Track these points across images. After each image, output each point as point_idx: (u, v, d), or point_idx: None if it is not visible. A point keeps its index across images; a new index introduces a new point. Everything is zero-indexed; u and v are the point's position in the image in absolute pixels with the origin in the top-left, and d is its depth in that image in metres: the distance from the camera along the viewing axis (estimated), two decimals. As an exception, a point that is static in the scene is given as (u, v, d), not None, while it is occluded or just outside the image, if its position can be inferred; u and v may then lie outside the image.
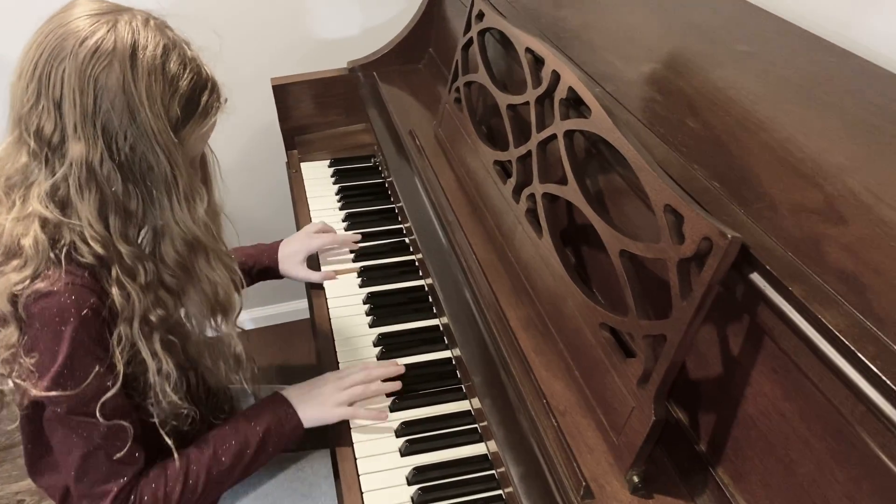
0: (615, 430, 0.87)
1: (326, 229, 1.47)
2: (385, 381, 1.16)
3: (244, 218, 2.19)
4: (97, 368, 0.92)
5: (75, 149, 0.86)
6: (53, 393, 0.90)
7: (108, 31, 0.86)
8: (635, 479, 0.84)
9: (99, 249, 0.90)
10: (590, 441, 0.90)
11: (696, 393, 0.87)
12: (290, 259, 1.42)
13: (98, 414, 0.92)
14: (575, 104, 1.02)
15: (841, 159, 0.84)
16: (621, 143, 0.89)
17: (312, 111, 1.81)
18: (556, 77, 1.05)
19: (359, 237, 1.47)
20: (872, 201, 0.77)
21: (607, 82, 1.09)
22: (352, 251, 1.46)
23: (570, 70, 1.02)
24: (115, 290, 0.92)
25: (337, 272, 1.41)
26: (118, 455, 0.96)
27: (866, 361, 0.61)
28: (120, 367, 0.93)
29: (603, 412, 0.90)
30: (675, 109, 1.00)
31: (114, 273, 0.92)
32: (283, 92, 1.76)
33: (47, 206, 0.88)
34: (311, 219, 1.57)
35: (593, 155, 1.03)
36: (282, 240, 1.46)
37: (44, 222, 0.88)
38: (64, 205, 0.90)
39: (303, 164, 1.74)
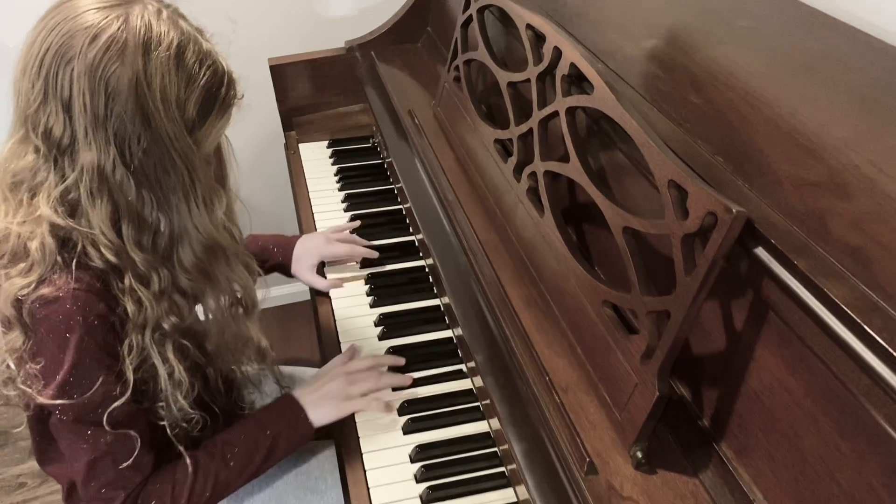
0: (618, 407, 0.87)
1: (347, 239, 1.40)
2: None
3: (245, 202, 2.20)
4: (104, 376, 0.89)
5: (86, 155, 0.82)
6: (59, 401, 0.87)
7: (120, 27, 0.80)
8: (639, 454, 0.84)
9: (111, 257, 0.87)
10: (593, 417, 0.90)
11: (700, 369, 0.87)
12: (302, 261, 1.37)
13: (105, 422, 0.90)
14: (577, 81, 1.02)
15: (844, 133, 0.84)
16: (625, 119, 0.89)
17: (310, 92, 1.79)
18: (557, 53, 1.04)
19: (377, 254, 1.39)
20: (876, 175, 0.77)
21: (609, 58, 1.08)
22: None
23: (573, 46, 1.01)
24: (127, 299, 0.89)
25: (343, 279, 1.36)
26: (125, 463, 0.94)
27: (873, 334, 0.61)
28: (130, 376, 0.90)
29: (606, 389, 0.90)
30: (677, 85, 0.99)
31: (126, 281, 0.89)
32: (281, 72, 1.74)
33: (57, 211, 0.84)
34: (310, 201, 1.56)
35: (595, 132, 1.03)
36: (299, 235, 1.42)
37: (53, 227, 0.85)
38: (74, 209, 0.86)
39: (301, 146, 1.73)
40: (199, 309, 1.04)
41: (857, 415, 0.65)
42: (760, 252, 0.72)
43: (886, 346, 0.59)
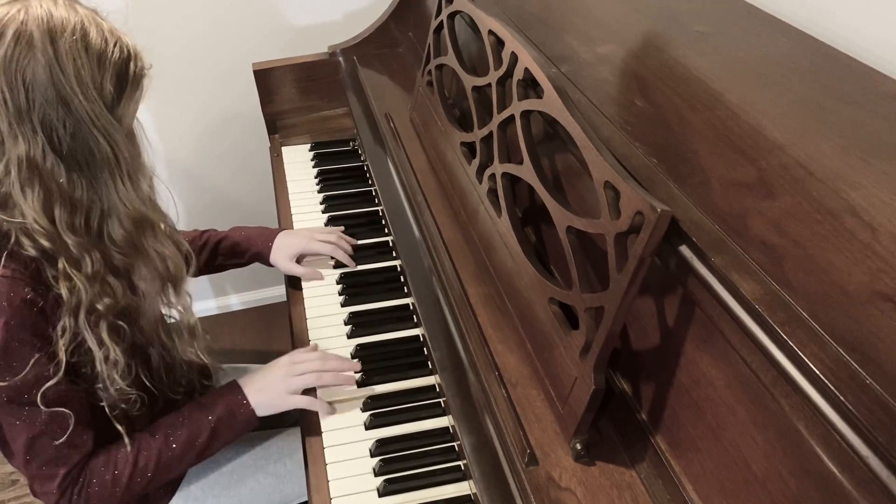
0: (560, 401, 0.90)
1: (332, 240, 1.40)
2: None
3: (234, 205, 2.24)
4: (35, 358, 0.92)
5: (14, 148, 0.86)
6: None
7: (23, 19, 0.83)
8: (578, 446, 0.87)
9: (45, 243, 0.90)
10: (538, 411, 0.93)
11: (639, 364, 0.89)
12: (282, 252, 1.39)
13: (39, 402, 0.93)
14: (532, 85, 1.04)
15: (779, 136, 0.86)
16: (569, 122, 0.92)
17: (294, 96, 1.83)
18: (514, 59, 1.07)
19: (354, 264, 1.40)
20: (802, 176, 0.79)
21: (564, 63, 1.11)
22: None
23: (527, 52, 1.04)
24: (61, 283, 0.92)
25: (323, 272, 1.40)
26: (61, 440, 0.97)
27: (776, 327, 0.63)
28: (62, 357, 0.93)
29: (551, 383, 0.93)
30: (625, 90, 1.02)
31: (60, 265, 0.92)
32: (265, 77, 1.78)
33: None
34: (290, 202, 1.60)
35: (550, 136, 1.06)
36: (282, 229, 1.44)
37: None
38: (5, 202, 0.89)
39: (284, 148, 1.76)
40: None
41: (769, 406, 0.67)
42: (684, 250, 0.75)
43: (787, 340, 0.62)
